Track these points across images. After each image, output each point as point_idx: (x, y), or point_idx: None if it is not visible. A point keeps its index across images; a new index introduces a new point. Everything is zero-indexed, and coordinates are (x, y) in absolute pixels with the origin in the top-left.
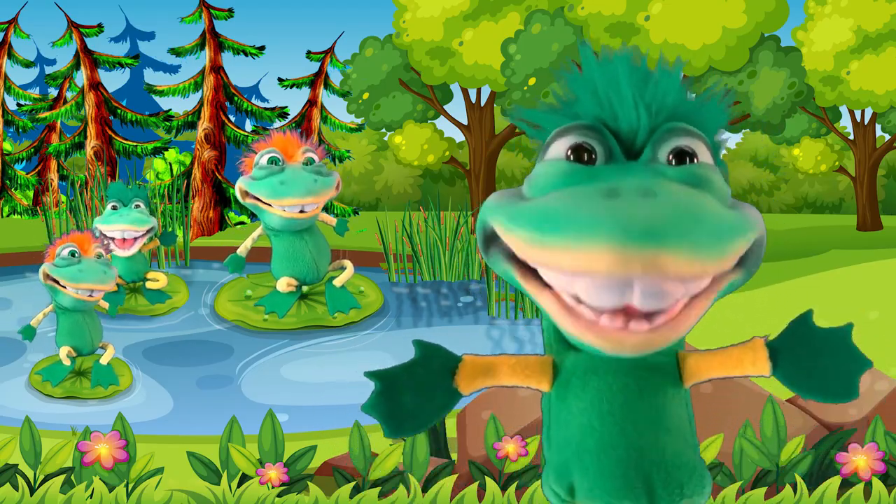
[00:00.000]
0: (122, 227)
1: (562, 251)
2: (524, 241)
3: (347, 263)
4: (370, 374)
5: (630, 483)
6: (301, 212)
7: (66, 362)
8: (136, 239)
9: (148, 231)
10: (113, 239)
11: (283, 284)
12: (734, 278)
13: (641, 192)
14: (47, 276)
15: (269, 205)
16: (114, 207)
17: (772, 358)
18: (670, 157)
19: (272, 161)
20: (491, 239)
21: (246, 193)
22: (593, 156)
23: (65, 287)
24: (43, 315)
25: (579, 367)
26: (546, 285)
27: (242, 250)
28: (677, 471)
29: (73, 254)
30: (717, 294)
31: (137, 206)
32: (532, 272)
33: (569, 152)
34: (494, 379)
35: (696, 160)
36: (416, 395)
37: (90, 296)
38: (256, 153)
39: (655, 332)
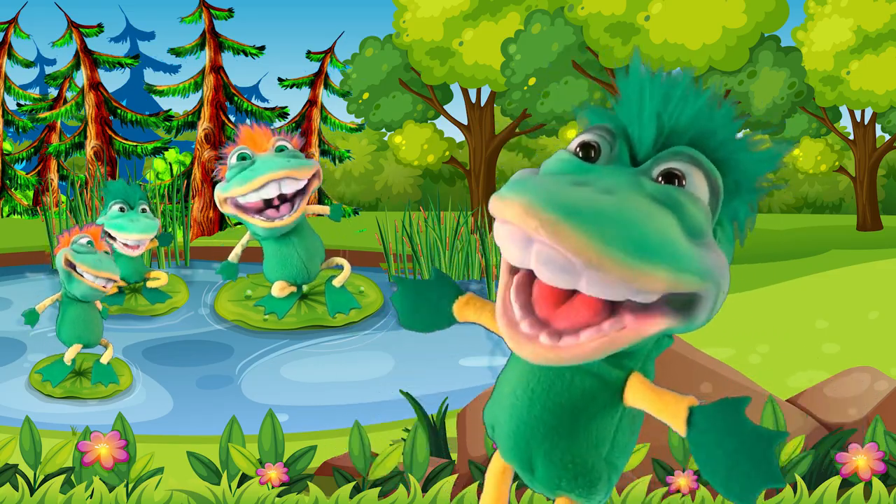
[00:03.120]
0: (138, 237)
1: (501, 202)
2: (494, 197)
3: (343, 262)
4: (396, 279)
5: (519, 450)
6: (281, 197)
7: (69, 362)
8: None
9: (154, 235)
10: (124, 243)
11: (278, 289)
12: (673, 323)
13: (604, 189)
14: (67, 262)
15: (245, 209)
16: (121, 209)
17: (689, 421)
18: (659, 176)
19: (242, 157)
20: None
21: (224, 201)
22: (599, 154)
23: (82, 275)
24: (50, 301)
25: None
26: (512, 270)
27: (234, 257)
28: (563, 466)
29: (90, 244)
30: (641, 340)
31: (144, 210)
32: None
33: (577, 147)
34: (478, 316)
35: (682, 184)
36: (426, 301)
37: (104, 286)
38: (227, 159)
39: (558, 351)
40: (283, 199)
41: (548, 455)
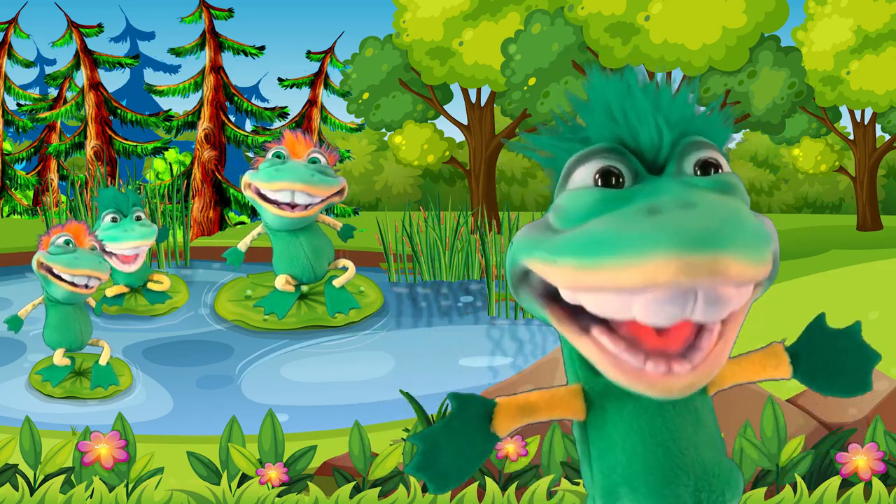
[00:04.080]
0: (135, 244)
1: (619, 269)
2: (573, 268)
3: (349, 264)
4: (412, 438)
5: (680, 499)
6: (292, 204)
7: (60, 363)
8: (137, 254)
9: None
10: (116, 254)
11: (282, 282)
12: (759, 293)
13: (681, 204)
14: (41, 265)
15: (265, 197)
16: (113, 219)
17: (792, 362)
18: (696, 168)
19: (276, 155)
20: (522, 278)
21: (248, 185)
22: (621, 179)
23: (58, 277)
24: (32, 306)
25: (612, 393)
26: (584, 330)
27: (243, 245)
28: (717, 479)
29: (67, 242)
30: (746, 311)
31: (139, 218)
32: (568, 315)
33: (597, 177)
34: (532, 416)
35: (720, 170)
36: (457, 447)
37: (86, 286)
38: (268, 152)
39: (697, 371)
40: (294, 206)
41: (706, 480)
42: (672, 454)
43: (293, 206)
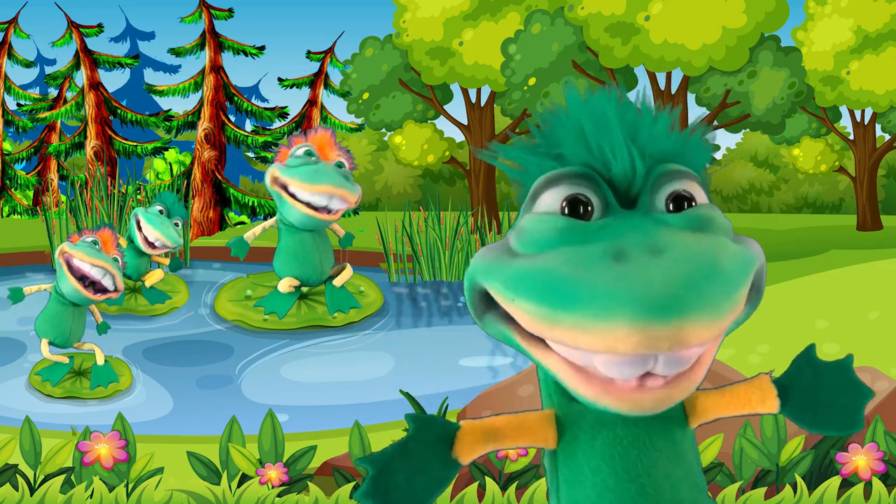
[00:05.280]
0: (158, 236)
1: (577, 330)
2: (532, 316)
3: (347, 265)
4: (360, 462)
5: None
6: (326, 209)
7: (45, 355)
8: (159, 247)
9: (175, 248)
10: (146, 236)
11: (285, 285)
12: (740, 316)
13: (650, 249)
14: (62, 253)
15: (294, 196)
16: (160, 211)
17: (780, 396)
18: (669, 203)
19: (308, 153)
20: (483, 299)
21: (275, 180)
22: (589, 208)
23: (74, 274)
24: (37, 288)
25: (586, 421)
26: (552, 348)
27: (250, 236)
28: None
29: (95, 243)
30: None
31: (177, 224)
32: (536, 337)
33: (563, 204)
34: (496, 443)
35: (694, 202)
36: (412, 473)
37: (94, 289)
38: (292, 147)
39: (672, 386)
40: (328, 210)
41: None
42: (646, 492)
43: (328, 210)
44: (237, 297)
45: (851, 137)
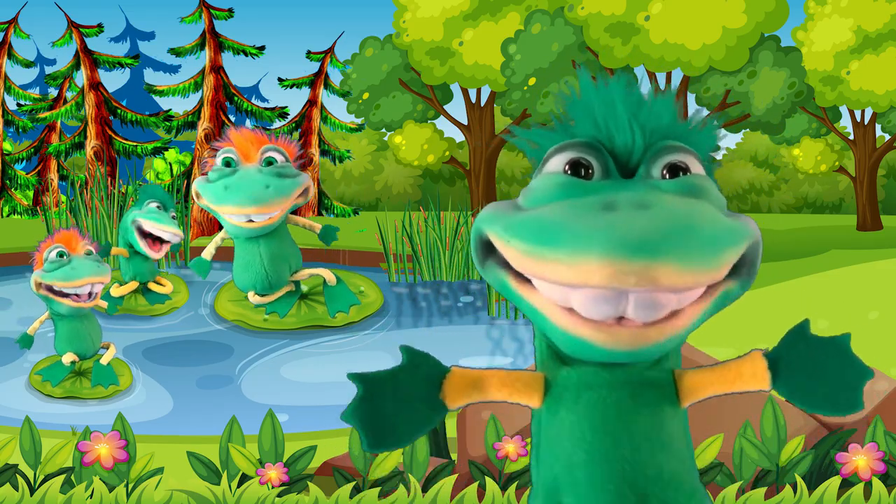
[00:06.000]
0: (174, 231)
1: (557, 264)
2: (520, 252)
3: (325, 273)
4: (352, 376)
5: (624, 499)
6: (249, 221)
7: (68, 364)
8: (164, 244)
9: (181, 241)
10: (147, 237)
11: (253, 298)
12: (729, 287)
13: (637, 204)
14: (39, 286)
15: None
16: (158, 207)
17: (771, 370)
18: (664, 171)
19: (226, 162)
20: (486, 249)
21: (199, 195)
22: (590, 171)
23: (59, 294)
24: (39, 323)
25: (572, 382)
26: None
27: (206, 254)
28: (675, 493)
29: (61, 255)
30: (713, 304)
31: (174, 217)
32: (528, 279)
33: (566, 167)
34: (483, 393)
35: (689, 172)
36: (399, 404)
37: (89, 295)
38: (217, 151)
39: (650, 327)
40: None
41: (659, 487)
42: (621, 446)
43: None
44: (237, 297)
45: (851, 137)
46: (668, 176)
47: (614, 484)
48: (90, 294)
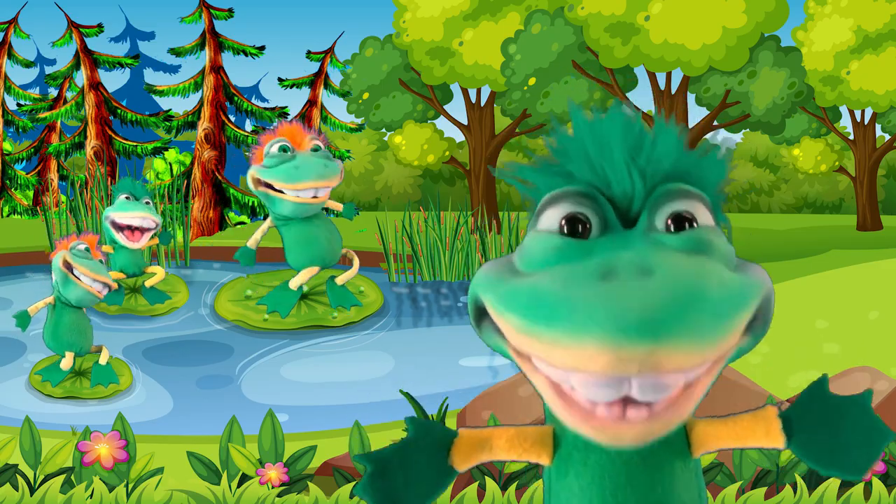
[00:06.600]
0: (143, 215)
1: (553, 346)
2: (515, 329)
3: (353, 256)
4: (360, 458)
5: None
6: (314, 197)
7: (67, 367)
8: (143, 232)
9: (157, 226)
10: (124, 229)
11: (305, 276)
12: (741, 345)
13: (638, 270)
14: (65, 263)
15: (282, 192)
16: (127, 198)
17: (785, 429)
18: (668, 222)
19: (283, 149)
20: (482, 313)
21: (258, 181)
22: (588, 226)
23: (80, 277)
24: (42, 304)
25: (581, 440)
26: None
27: (252, 243)
28: None
29: (87, 250)
30: (721, 370)
31: (147, 203)
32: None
33: (562, 223)
34: (491, 453)
35: (695, 224)
36: (409, 475)
37: (99, 291)
38: (264, 145)
39: (655, 420)
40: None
41: None
42: None
43: (315, 197)
44: (237, 297)
45: (851, 137)
46: (672, 227)
47: None
48: (99, 290)
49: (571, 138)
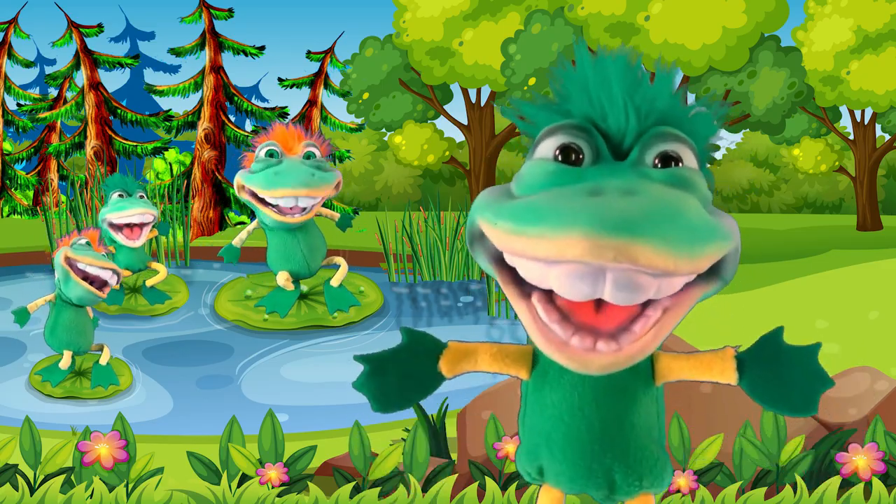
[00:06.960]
0: (140, 211)
1: (538, 239)
2: (505, 232)
3: (340, 261)
4: (359, 358)
5: (593, 473)
6: (296, 207)
7: (66, 366)
8: (142, 228)
9: (154, 218)
10: (122, 228)
11: (283, 279)
12: (707, 290)
13: (623, 191)
14: (66, 259)
15: (263, 200)
16: (120, 195)
17: (739, 368)
18: (656, 160)
19: (270, 154)
20: (477, 236)
21: (242, 187)
22: (581, 156)
23: (85, 269)
24: (42, 301)
25: (557, 361)
26: (525, 295)
27: (237, 241)
28: (638, 464)
29: (88, 244)
30: (689, 308)
31: (141, 197)
32: (512, 277)
33: (557, 152)
34: (475, 364)
35: (680, 164)
36: (401, 377)
37: (100, 288)
38: (257, 147)
39: (622, 353)
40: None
41: (623, 462)
42: (593, 429)
43: (301, 209)
44: (237, 297)
45: (851, 137)
46: (659, 165)
47: (585, 461)
48: (102, 284)
49: (574, 72)
